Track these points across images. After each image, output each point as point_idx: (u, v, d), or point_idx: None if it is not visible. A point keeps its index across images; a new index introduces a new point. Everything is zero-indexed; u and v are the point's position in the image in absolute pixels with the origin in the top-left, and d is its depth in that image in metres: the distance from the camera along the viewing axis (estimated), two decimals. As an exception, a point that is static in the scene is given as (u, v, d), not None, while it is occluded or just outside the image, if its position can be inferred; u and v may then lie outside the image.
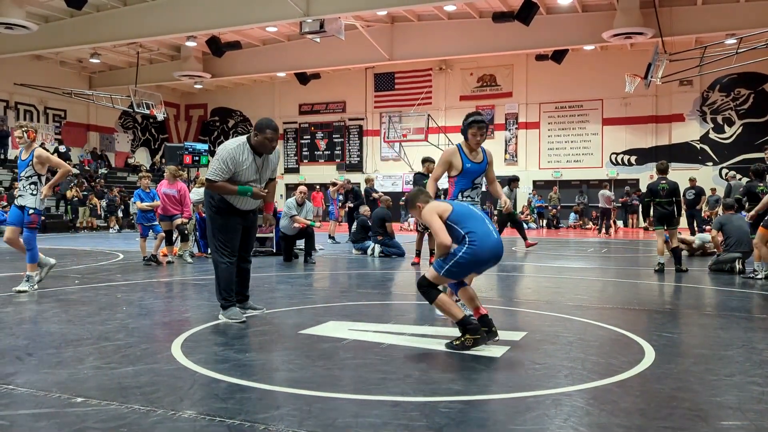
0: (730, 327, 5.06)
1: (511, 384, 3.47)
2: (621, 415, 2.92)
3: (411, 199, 4.52)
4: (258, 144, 5.04)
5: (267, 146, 5.07)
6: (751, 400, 3.15)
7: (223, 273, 5.16)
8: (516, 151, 28.14)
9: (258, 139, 5.02)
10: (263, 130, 5.00)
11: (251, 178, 5.11)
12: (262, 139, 5.01)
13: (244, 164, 5.02)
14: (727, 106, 25.09)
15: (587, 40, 22.49)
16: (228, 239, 5.16)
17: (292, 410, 2.96)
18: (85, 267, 9.73)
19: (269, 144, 5.06)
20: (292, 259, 10.59)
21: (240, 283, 5.38)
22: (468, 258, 4.10)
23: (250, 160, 5.05)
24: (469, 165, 5.46)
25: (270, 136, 5.02)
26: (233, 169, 4.99)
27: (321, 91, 30.37)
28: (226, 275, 5.16)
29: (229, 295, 5.17)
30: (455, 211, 4.25)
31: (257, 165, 5.12)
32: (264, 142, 5.03)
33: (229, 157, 4.97)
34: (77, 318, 5.29)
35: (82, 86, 27.62)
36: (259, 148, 5.06)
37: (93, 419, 2.83)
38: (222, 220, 5.16)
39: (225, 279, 5.16)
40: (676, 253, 9.26)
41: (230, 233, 5.16)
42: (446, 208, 4.30)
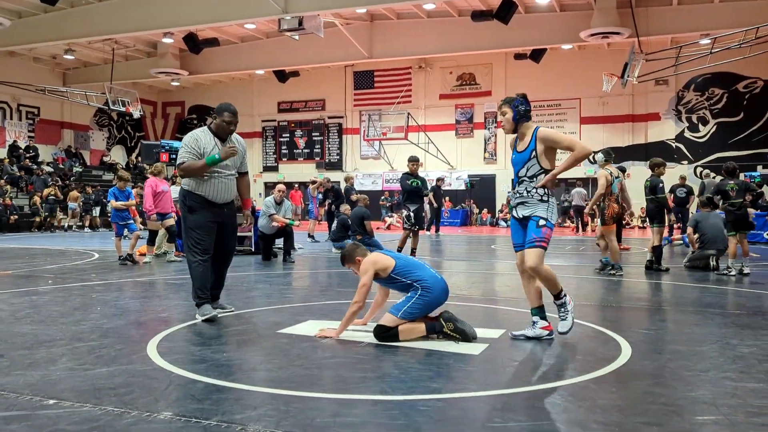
0: (705, 323, 5.13)
1: (489, 382, 3.48)
2: (598, 411, 2.93)
3: (349, 254, 4.72)
4: (217, 128, 5.20)
5: (226, 129, 5.20)
6: (725, 395, 3.19)
7: (196, 272, 5.12)
8: (495, 150, 28.25)
9: (217, 122, 5.18)
10: (221, 113, 5.18)
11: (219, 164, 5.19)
12: (220, 122, 5.17)
13: (208, 147, 5.12)
14: (702, 105, 25.45)
15: (565, 40, 22.68)
16: (201, 237, 5.12)
17: (270, 410, 2.93)
18: (58, 267, 9.57)
19: (227, 127, 5.19)
20: (270, 258, 10.53)
21: (217, 281, 5.36)
22: (424, 302, 4.36)
23: (212, 144, 5.15)
24: (513, 155, 4.56)
25: (228, 119, 5.18)
26: (198, 152, 5.09)
27: (300, 89, 30.23)
28: (199, 274, 5.11)
29: (203, 293, 5.13)
30: (399, 265, 4.49)
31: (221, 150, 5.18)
32: (222, 125, 5.18)
33: (192, 140, 5.12)
34: (50, 318, 5.20)
35: (56, 83, 27.15)
36: (218, 131, 5.20)
37: (66, 421, 2.78)
38: (195, 218, 5.14)
39: (199, 278, 5.11)
40: (658, 252, 9.08)
41: (203, 231, 5.13)
42: (388, 264, 4.49)
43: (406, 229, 10.37)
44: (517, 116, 4.41)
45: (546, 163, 4.35)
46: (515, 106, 4.41)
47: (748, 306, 5.99)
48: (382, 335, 4.31)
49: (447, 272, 9.08)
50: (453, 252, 13.80)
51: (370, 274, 4.46)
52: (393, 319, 4.31)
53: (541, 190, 4.34)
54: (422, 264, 4.59)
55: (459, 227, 25.52)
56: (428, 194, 10.72)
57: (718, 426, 2.76)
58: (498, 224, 26.07)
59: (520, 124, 4.43)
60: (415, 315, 4.32)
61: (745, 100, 24.74)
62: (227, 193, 5.28)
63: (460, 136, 28.81)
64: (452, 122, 28.87)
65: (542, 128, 4.41)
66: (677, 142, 25.73)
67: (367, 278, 4.46)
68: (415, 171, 10.36)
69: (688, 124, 25.67)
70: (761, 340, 4.42)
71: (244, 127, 32.08)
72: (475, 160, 28.57)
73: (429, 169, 28.35)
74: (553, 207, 4.37)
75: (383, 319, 4.37)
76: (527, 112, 4.43)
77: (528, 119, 4.44)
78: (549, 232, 4.32)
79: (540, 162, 4.35)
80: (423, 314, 4.35)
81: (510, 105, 4.42)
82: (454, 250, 14.39)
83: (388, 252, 4.75)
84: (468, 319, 4.55)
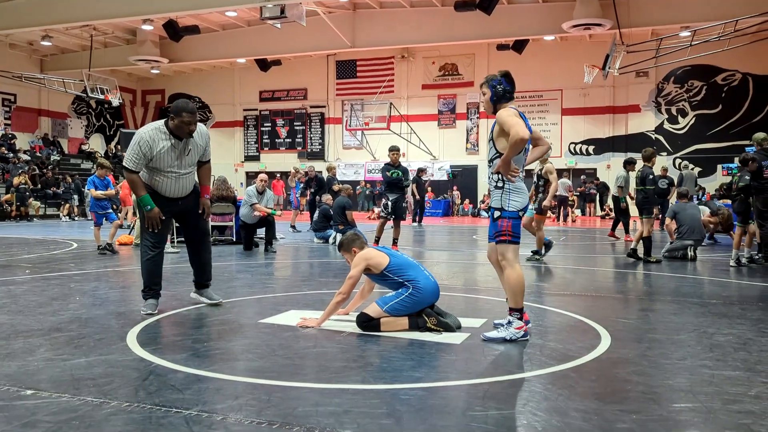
0: (683, 312, 5.20)
1: (470, 370, 3.50)
2: (577, 399, 2.96)
3: (347, 243, 4.68)
4: (175, 128, 4.83)
5: (184, 130, 4.83)
6: (702, 382, 3.24)
7: (144, 265, 5.01)
8: (477, 141, 28.32)
9: (175, 123, 4.81)
10: (179, 113, 4.78)
11: (169, 164, 4.88)
12: (179, 123, 4.80)
13: (162, 149, 4.81)
14: (681, 97, 25.70)
15: (547, 31, 22.74)
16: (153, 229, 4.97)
17: (251, 400, 2.92)
18: (36, 256, 9.45)
19: (186, 128, 4.82)
20: (252, 248, 10.48)
21: (198, 269, 5.26)
22: (412, 301, 4.33)
23: (167, 145, 4.83)
24: None
25: (187, 119, 4.79)
26: (148, 155, 4.78)
27: (282, 78, 30.02)
28: (147, 267, 5.00)
29: (149, 287, 5.01)
30: (392, 263, 4.46)
31: (178, 150, 4.89)
32: (181, 126, 4.80)
33: (143, 141, 4.76)
34: (28, 309, 5.13)
35: (32, 70, 26.67)
36: (177, 132, 4.84)
37: (44, 412, 2.75)
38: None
39: (147, 269, 5.00)
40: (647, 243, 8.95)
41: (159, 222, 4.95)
42: (381, 261, 4.46)
43: (382, 217, 10.34)
44: (495, 96, 4.13)
45: (503, 146, 4.03)
46: (493, 85, 4.12)
47: (725, 295, 6.09)
48: (365, 324, 4.31)
49: (429, 262, 9.11)
50: (435, 242, 13.84)
51: (360, 269, 4.45)
52: (378, 311, 4.31)
53: (495, 176, 4.10)
54: (416, 264, 4.56)
55: (441, 218, 25.59)
56: (408, 185, 10.66)
57: (695, 413, 2.80)
58: (480, 215, 26.18)
59: (499, 104, 4.13)
60: (401, 312, 4.32)
61: (723, 93, 25.04)
62: (182, 189, 5.03)
63: (443, 127, 28.84)
64: (435, 112, 28.87)
65: (503, 110, 4.08)
66: (657, 133, 25.98)
67: (356, 272, 4.45)
68: (396, 161, 10.32)
69: (668, 115, 25.92)
70: (737, 329, 4.49)
71: (226, 116, 31.86)
72: (457, 151, 28.63)
73: (411, 160, 28.35)
74: (512, 193, 4.05)
75: (368, 308, 4.37)
76: (506, 92, 4.12)
77: (507, 100, 4.14)
78: (506, 222, 4.06)
79: (496, 145, 4.11)
80: (408, 313, 4.34)
81: (489, 84, 4.16)
82: (435, 240, 14.43)
83: (384, 249, 4.72)
84: (449, 309, 4.57)
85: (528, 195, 4.19)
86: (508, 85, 4.14)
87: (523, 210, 4.14)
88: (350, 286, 4.43)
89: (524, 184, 4.19)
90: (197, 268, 5.29)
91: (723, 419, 2.72)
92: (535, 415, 2.75)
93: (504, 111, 4.07)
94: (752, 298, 5.99)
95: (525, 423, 2.68)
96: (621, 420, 2.69)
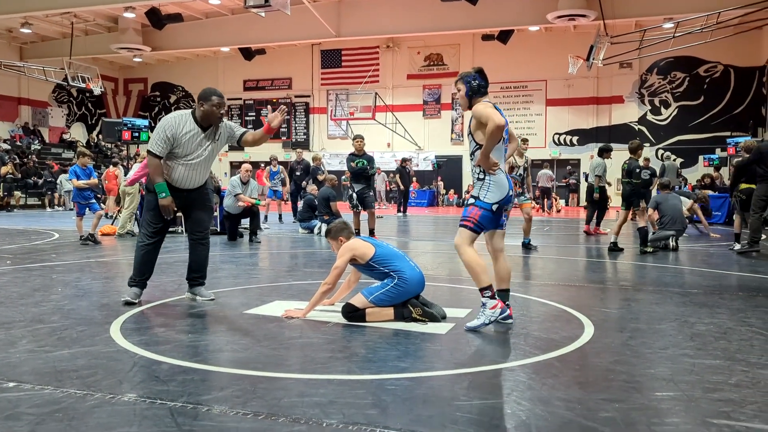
0: (664, 302, 5.26)
1: (456, 360, 3.52)
2: (561, 388, 2.99)
3: (334, 232, 4.69)
4: (205, 114, 4.72)
5: (215, 114, 4.73)
6: (683, 371, 3.29)
7: (139, 253, 4.98)
8: (462, 131, 28.34)
9: (204, 109, 4.71)
10: (208, 98, 4.69)
11: (191, 151, 4.80)
12: (209, 108, 4.69)
13: (185, 136, 4.73)
14: (664, 88, 25.90)
15: (532, 21, 22.77)
16: (153, 218, 4.93)
17: (236, 391, 2.92)
18: (17, 247, 9.34)
19: (217, 111, 4.72)
20: (236, 239, 10.44)
21: (194, 266, 5.13)
22: (398, 291, 4.34)
23: (192, 132, 4.75)
24: None
25: (217, 101, 4.69)
26: (172, 140, 4.71)
27: (266, 68, 29.80)
28: (141, 256, 4.97)
29: (138, 276, 4.98)
30: (378, 254, 4.46)
31: (204, 138, 4.81)
32: (212, 110, 4.70)
33: (168, 124, 4.70)
34: (9, 300, 5.08)
35: (12, 57, 26.23)
36: (207, 118, 4.74)
37: (26, 404, 2.72)
38: (152, 198, 4.91)
39: (139, 260, 4.97)
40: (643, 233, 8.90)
41: (156, 213, 4.90)
42: (367, 252, 4.46)
43: (355, 211, 10.31)
44: (470, 92, 4.22)
45: (482, 138, 4.12)
46: (468, 81, 4.23)
47: (705, 285, 6.17)
48: (350, 314, 4.31)
49: (413, 252, 9.13)
50: (419, 232, 13.87)
51: (345, 259, 4.46)
52: (363, 302, 4.32)
53: (477, 168, 4.20)
54: (402, 255, 4.57)
55: (426, 208, 25.63)
56: (374, 173, 10.52)
57: (676, 401, 2.84)
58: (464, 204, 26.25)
59: (474, 99, 4.23)
60: (386, 303, 4.33)
61: (705, 84, 25.26)
62: (194, 180, 4.94)
63: (428, 117, 28.83)
64: (420, 103, 28.85)
65: (479, 103, 4.19)
66: (640, 124, 26.17)
67: (342, 262, 4.45)
68: (360, 150, 10.21)
69: (651, 107, 26.11)
70: (717, 318, 4.56)
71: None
72: (442, 141, 28.64)
73: (396, 150, 28.36)
74: (492, 186, 4.13)
75: (353, 299, 4.38)
76: (481, 87, 4.22)
77: (482, 95, 4.24)
78: (476, 210, 4.14)
79: (475, 138, 4.21)
80: (394, 303, 4.34)
81: (463, 80, 4.26)
82: (420, 230, 14.46)
83: (369, 240, 4.74)
84: (434, 299, 4.59)
85: (507, 189, 4.18)
86: (482, 80, 4.26)
87: (498, 203, 4.14)
88: (336, 276, 4.43)
89: (505, 178, 4.20)
90: (193, 265, 5.14)
91: (704, 407, 2.76)
92: (520, 405, 2.78)
93: (479, 104, 4.19)
94: (732, 288, 6.08)
95: (509, 412, 2.70)
96: (604, 409, 2.73)
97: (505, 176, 4.22)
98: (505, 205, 4.23)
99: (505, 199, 4.19)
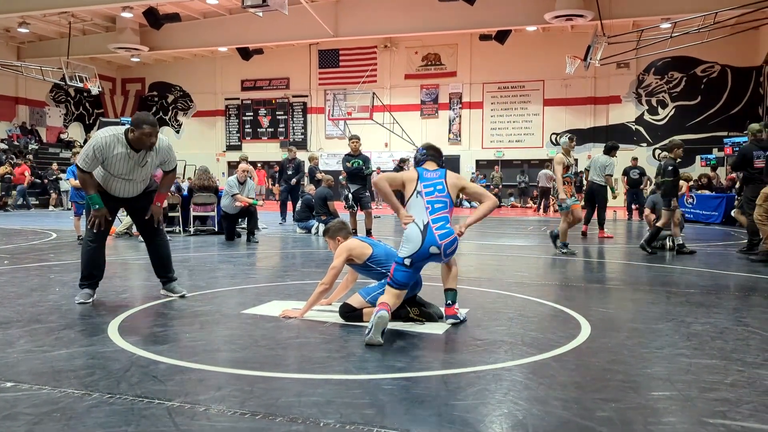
0: (661, 302, 5.27)
1: (452, 360, 3.53)
2: (558, 388, 3.00)
3: (332, 231, 4.70)
4: (135, 140, 4.78)
5: (145, 142, 4.79)
6: (680, 371, 3.30)
7: (86, 254, 5.03)
8: (460, 131, 28.36)
9: (135, 135, 4.76)
10: (140, 125, 4.74)
11: (121, 171, 4.88)
12: (139, 135, 4.75)
13: (115, 157, 4.79)
14: (661, 88, 25.92)
15: (530, 21, 22.78)
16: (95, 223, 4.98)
17: (234, 391, 2.93)
18: (15, 246, 9.33)
19: (147, 140, 4.78)
20: (234, 239, 10.43)
21: (158, 264, 5.27)
22: None
23: (122, 153, 4.80)
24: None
25: (147, 131, 4.75)
26: (100, 159, 4.79)
27: (264, 67, 29.77)
28: (88, 256, 5.02)
29: (88, 275, 5.04)
30: (375, 254, 4.47)
31: (132, 161, 4.86)
32: (142, 138, 4.76)
33: (98, 146, 4.75)
34: (6, 299, 5.07)
35: (9, 57, 26.18)
36: (136, 144, 4.80)
37: (24, 404, 2.73)
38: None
39: (87, 260, 5.02)
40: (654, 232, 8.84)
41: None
42: (364, 252, 4.46)
43: (351, 212, 10.31)
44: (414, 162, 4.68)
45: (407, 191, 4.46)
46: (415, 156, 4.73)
47: (702, 285, 6.18)
48: (347, 314, 4.32)
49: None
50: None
51: (342, 259, 4.45)
52: (360, 302, 4.32)
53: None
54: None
55: (423, 208, 25.57)
56: (371, 173, 10.47)
57: (673, 401, 2.86)
58: (462, 205, 26.27)
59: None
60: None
61: (702, 84, 25.29)
62: (134, 190, 5.07)
63: (425, 117, 28.82)
64: (417, 102, 28.84)
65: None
66: (637, 124, 26.19)
67: (339, 262, 4.45)
68: (356, 150, 10.23)
69: (648, 107, 26.14)
70: (714, 318, 4.57)
71: (207, 105, 31.57)
72: (439, 141, 28.49)
73: (394, 150, 28.35)
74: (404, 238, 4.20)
75: (351, 299, 4.38)
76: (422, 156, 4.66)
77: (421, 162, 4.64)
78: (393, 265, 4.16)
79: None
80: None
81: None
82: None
83: (367, 240, 4.74)
84: (431, 300, 4.60)
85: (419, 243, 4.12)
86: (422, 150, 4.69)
87: (411, 258, 4.09)
88: (332, 276, 4.43)
89: (416, 230, 4.15)
90: (156, 264, 5.29)
91: (700, 407, 2.78)
92: (516, 404, 2.79)
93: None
94: (729, 288, 6.10)
95: (506, 412, 2.71)
96: (600, 408, 2.74)
97: (416, 228, 4.15)
98: (421, 261, 4.15)
99: (419, 253, 4.10)
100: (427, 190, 4.33)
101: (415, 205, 4.28)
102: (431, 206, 4.27)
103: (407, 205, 4.32)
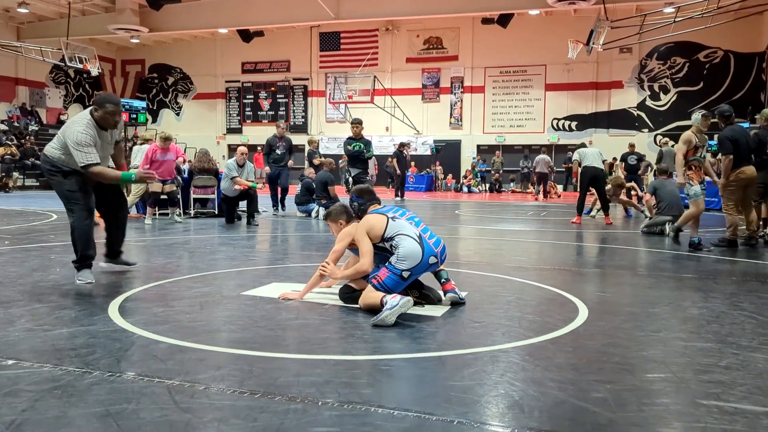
0: (658, 286, 5.30)
1: (450, 342, 3.56)
2: (554, 370, 3.03)
3: (334, 214, 4.69)
4: (100, 119, 4.92)
5: (109, 120, 4.96)
6: (675, 354, 3.33)
7: (84, 233, 5.02)
8: (461, 115, 28.29)
9: (99, 115, 4.90)
10: (103, 104, 4.89)
11: (103, 153, 5.03)
12: (103, 114, 4.90)
13: (98, 138, 4.94)
14: (664, 74, 25.82)
15: (532, 5, 22.64)
16: (83, 197, 4.99)
17: (233, 370, 2.96)
18: (15, 227, 9.35)
19: (111, 118, 4.94)
20: (234, 221, 10.45)
21: (115, 240, 5.44)
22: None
23: (98, 133, 4.96)
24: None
25: (111, 109, 4.91)
26: (96, 139, 4.91)
27: (265, 50, 29.64)
28: (86, 235, 5.03)
29: (85, 258, 5.05)
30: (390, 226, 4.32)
31: (103, 140, 5.03)
32: (106, 116, 4.91)
33: (89, 135, 4.83)
34: (7, 279, 5.10)
35: (9, 37, 26.05)
36: (102, 123, 4.95)
37: (25, 381, 2.76)
38: (71, 181, 4.96)
39: (84, 239, 5.02)
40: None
41: (84, 191, 5.00)
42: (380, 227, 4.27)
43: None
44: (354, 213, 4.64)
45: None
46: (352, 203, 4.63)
47: (700, 270, 6.21)
48: (348, 296, 4.34)
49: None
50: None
51: (344, 244, 4.47)
52: (361, 284, 4.33)
53: None
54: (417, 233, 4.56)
55: (424, 192, 25.64)
56: (371, 156, 10.48)
57: (667, 383, 2.89)
58: (462, 190, 26.27)
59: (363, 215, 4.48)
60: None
61: (705, 70, 25.20)
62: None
63: (427, 101, 28.74)
64: (419, 86, 28.74)
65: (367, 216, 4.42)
66: (639, 110, 26.13)
67: (341, 246, 4.47)
68: (358, 134, 10.22)
69: (650, 92, 26.05)
70: (710, 303, 4.60)
71: (207, 88, 31.46)
72: (440, 126, 28.57)
73: (395, 134, 28.29)
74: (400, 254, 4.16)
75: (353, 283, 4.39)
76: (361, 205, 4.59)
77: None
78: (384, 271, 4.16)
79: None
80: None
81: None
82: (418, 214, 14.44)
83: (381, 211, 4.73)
84: (431, 283, 4.62)
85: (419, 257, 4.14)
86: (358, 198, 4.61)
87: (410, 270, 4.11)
88: (334, 260, 4.45)
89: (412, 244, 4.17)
90: (113, 239, 5.44)
91: (694, 389, 2.81)
92: (513, 385, 2.82)
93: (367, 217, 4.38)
94: (726, 273, 6.12)
95: (503, 392, 2.74)
96: (596, 390, 2.77)
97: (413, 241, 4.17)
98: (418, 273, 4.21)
99: (420, 266, 4.16)
100: (398, 213, 4.42)
101: (399, 225, 4.25)
102: (413, 221, 4.38)
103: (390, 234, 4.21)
